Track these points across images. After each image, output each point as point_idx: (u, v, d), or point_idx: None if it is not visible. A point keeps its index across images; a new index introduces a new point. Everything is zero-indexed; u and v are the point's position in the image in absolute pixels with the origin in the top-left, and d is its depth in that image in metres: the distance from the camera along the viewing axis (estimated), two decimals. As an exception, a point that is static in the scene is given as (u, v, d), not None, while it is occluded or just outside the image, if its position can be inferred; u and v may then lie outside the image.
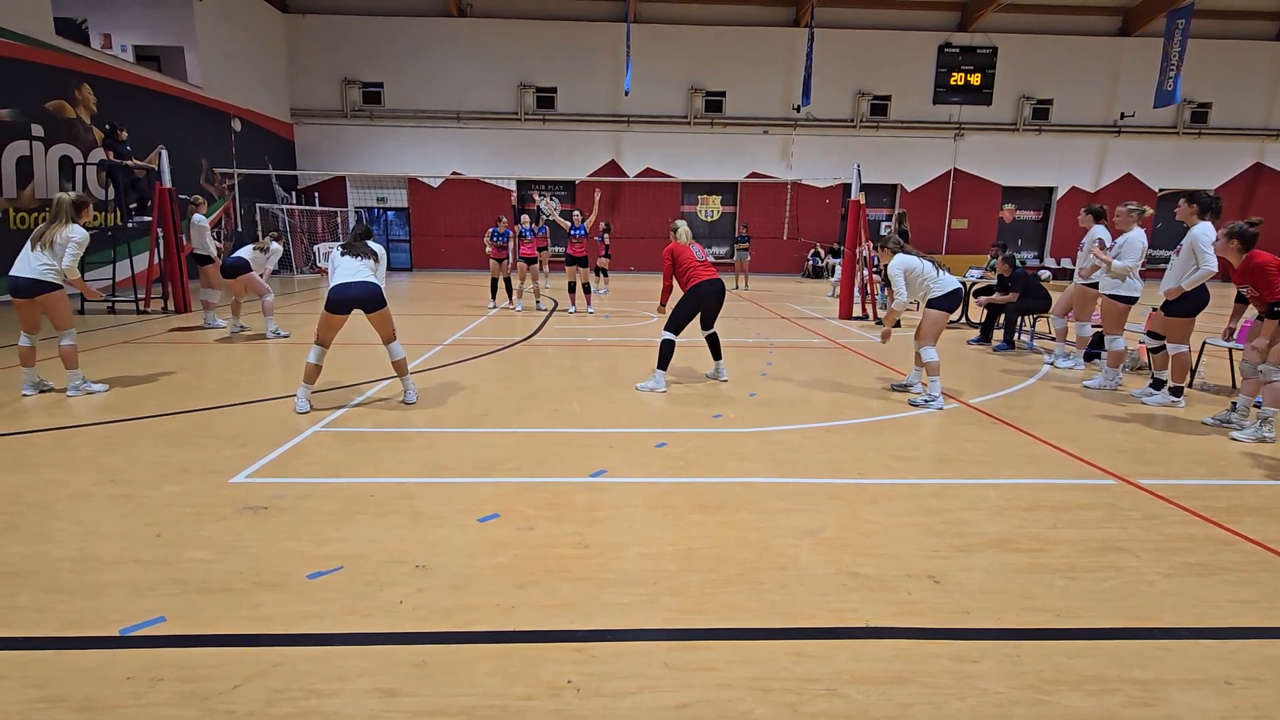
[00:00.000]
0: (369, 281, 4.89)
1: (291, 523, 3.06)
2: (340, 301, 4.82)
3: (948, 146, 23.08)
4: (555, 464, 3.94)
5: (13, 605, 2.38)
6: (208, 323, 9.16)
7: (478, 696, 1.94)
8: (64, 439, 4.30)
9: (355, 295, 4.82)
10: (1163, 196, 23.05)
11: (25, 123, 11.92)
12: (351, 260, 4.94)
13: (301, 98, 21.67)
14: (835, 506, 3.36)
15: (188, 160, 16.02)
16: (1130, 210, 6.03)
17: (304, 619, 2.31)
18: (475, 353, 7.55)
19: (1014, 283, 8.27)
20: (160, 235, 10.59)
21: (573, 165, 22.14)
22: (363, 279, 4.87)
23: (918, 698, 1.95)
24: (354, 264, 4.93)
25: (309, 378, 5.00)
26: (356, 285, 4.83)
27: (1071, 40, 22.42)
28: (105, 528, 3.01)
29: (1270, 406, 4.56)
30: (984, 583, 2.62)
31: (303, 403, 4.95)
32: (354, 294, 4.82)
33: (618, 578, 2.63)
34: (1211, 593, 2.58)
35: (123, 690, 1.94)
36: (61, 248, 5.15)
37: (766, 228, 22.02)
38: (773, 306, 13.18)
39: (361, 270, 4.91)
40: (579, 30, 21.77)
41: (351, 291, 4.81)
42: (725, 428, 4.76)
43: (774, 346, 8.32)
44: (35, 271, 5.08)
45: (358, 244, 5.05)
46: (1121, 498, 3.53)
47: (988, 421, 5.00)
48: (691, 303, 5.76)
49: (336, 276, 4.89)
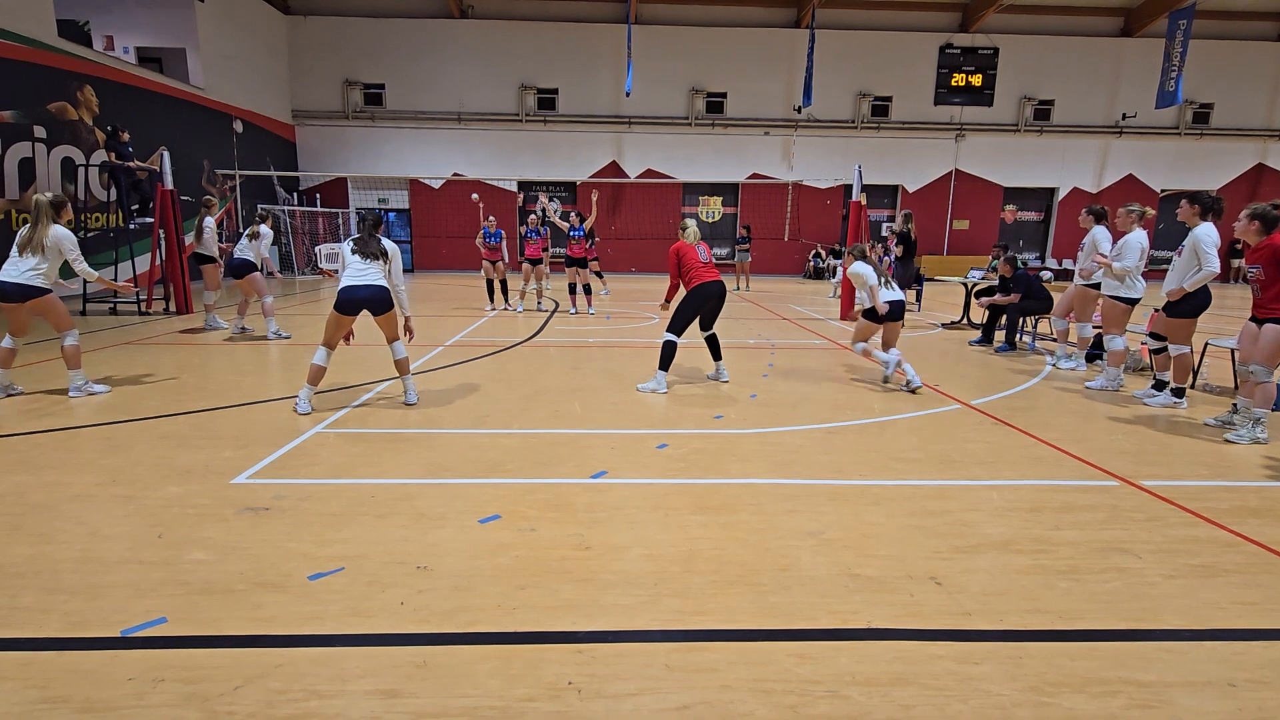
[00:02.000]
0: (377, 285, 4.90)
1: (293, 524, 3.07)
2: (349, 303, 4.87)
3: (949, 147, 23.07)
4: (556, 465, 3.94)
5: (15, 606, 2.38)
6: (209, 324, 9.17)
7: (479, 697, 1.94)
8: (66, 440, 4.30)
9: (363, 297, 4.86)
10: (1164, 197, 23.03)
11: (28, 124, 11.95)
12: (360, 260, 4.93)
13: (303, 99, 21.70)
14: (837, 508, 3.35)
15: (190, 162, 16.06)
16: (1131, 211, 6.03)
17: (305, 620, 2.31)
18: (476, 354, 7.55)
19: (1015, 284, 8.26)
20: (162, 236, 10.61)
21: (574, 166, 22.14)
22: (370, 281, 4.88)
23: (919, 699, 1.95)
24: (362, 264, 4.92)
25: (313, 379, 5.01)
26: (364, 288, 4.85)
27: (1073, 41, 22.40)
28: (107, 529, 3.01)
29: (1259, 408, 4.55)
30: (986, 584, 2.61)
31: (304, 404, 4.95)
32: (361, 296, 4.85)
33: (619, 579, 2.63)
34: (1215, 594, 2.57)
35: (124, 691, 1.94)
36: (53, 251, 5.12)
37: (768, 229, 22.02)
38: (774, 308, 13.17)
39: (369, 271, 4.91)
40: (580, 32, 21.78)
41: (359, 294, 4.85)
42: (726, 429, 4.76)
43: (775, 348, 8.32)
44: (23, 277, 5.03)
45: (370, 242, 4.99)
46: (1124, 499, 3.52)
47: (990, 423, 5.00)
48: (694, 303, 5.82)
49: (345, 277, 4.91)
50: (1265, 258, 4.50)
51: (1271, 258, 4.46)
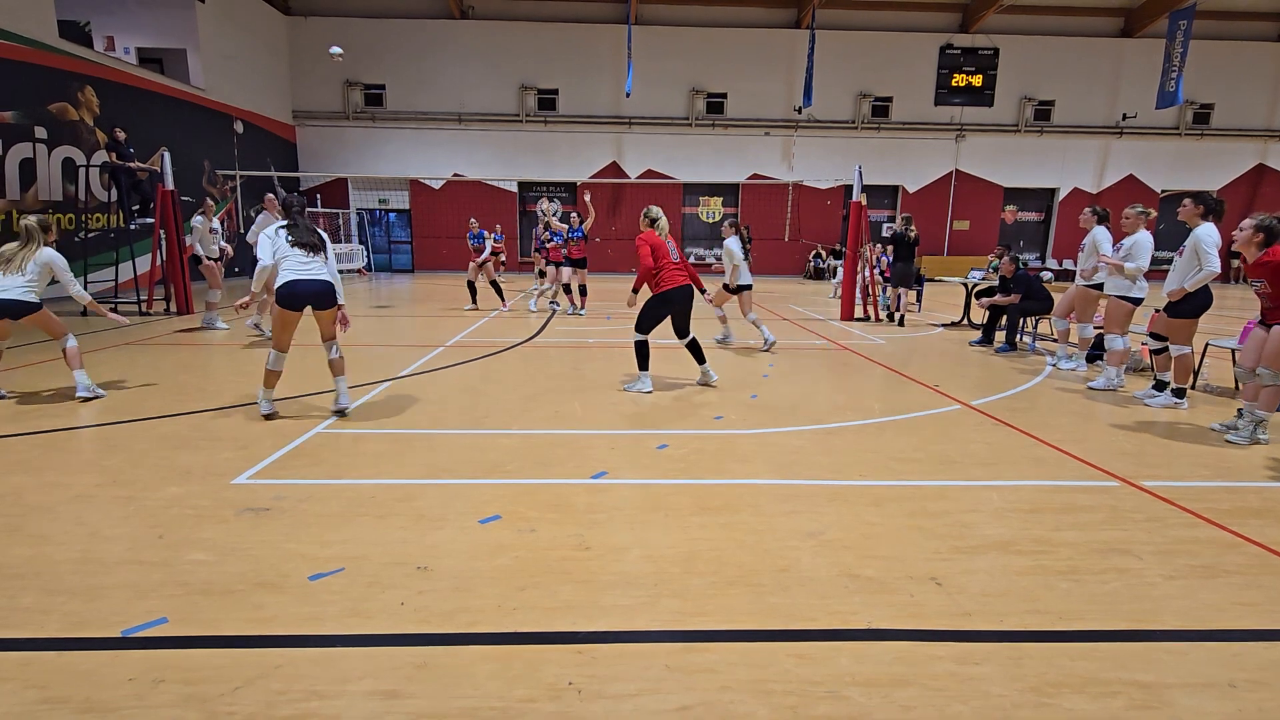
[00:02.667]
0: (320, 279, 4.72)
1: (293, 524, 3.07)
2: (292, 297, 4.66)
3: (949, 148, 23.08)
4: (556, 466, 3.93)
5: (15, 607, 2.38)
6: (206, 323, 9.19)
7: (479, 698, 1.94)
8: (66, 441, 4.31)
9: (305, 293, 4.67)
10: (1165, 198, 23.04)
11: (28, 125, 11.96)
12: (300, 253, 4.71)
13: (303, 100, 21.72)
14: (837, 508, 3.35)
15: (190, 162, 16.07)
16: (1139, 213, 6.04)
17: (305, 621, 2.31)
18: (476, 354, 7.55)
19: (1016, 284, 8.26)
20: (163, 237, 10.63)
21: (574, 167, 22.16)
22: (313, 276, 4.69)
23: (919, 700, 1.95)
24: (303, 257, 4.70)
25: (269, 383, 4.80)
26: (305, 283, 4.66)
27: (1073, 41, 22.41)
28: (107, 529, 3.01)
29: (1262, 410, 4.54)
30: (986, 585, 2.61)
31: (266, 405, 4.79)
32: (303, 291, 4.66)
33: (619, 579, 2.63)
34: (1215, 595, 2.57)
35: (124, 692, 1.94)
36: (39, 270, 5.15)
37: (768, 229, 22.03)
38: (774, 308, 13.17)
39: (312, 265, 4.72)
40: (580, 32, 21.80)
41: (300, 289, 4.65)
42: (726, 429, 4.76)
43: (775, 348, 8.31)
44: (18, 293, 5.03)
45: (310, 232, 4.79)
46: (1124, 500, 3.52)
47: (990, 423, 5.00)
48: (659, 309, 5.79)
49: (286, 271, 4.67)
50: (1268, 273, 4.50)
51: (1273, 272, 4.47)
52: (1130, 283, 5.97)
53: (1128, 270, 5.88)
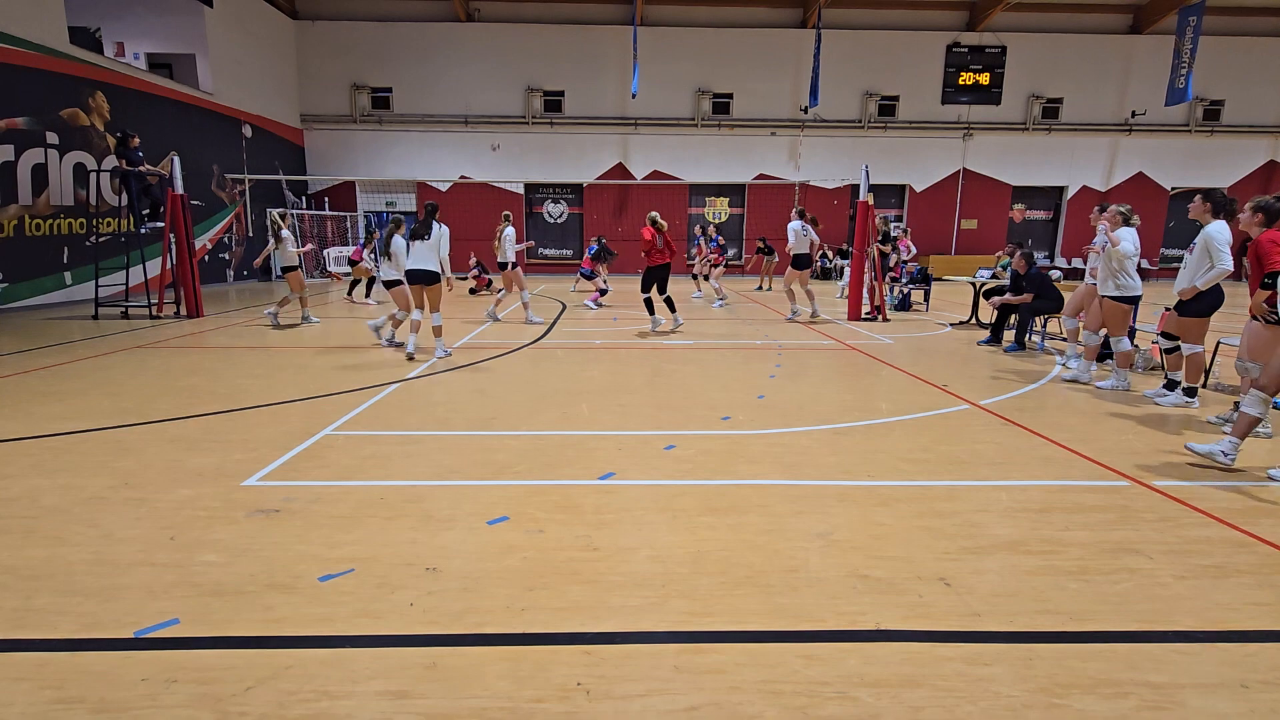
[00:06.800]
0: (427, 270, 7.01)
1: (303, 526, 3.09)
2: (411, 276, 7.13)
3: (957, 146, 22.97)
4: (564, 467, 3.94)
5: (30, 608, 2.40)
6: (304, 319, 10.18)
7: (488, 699, 1.95)
8: (78, 444, 4.35)
9: (418, 276, 7.06)
10: (1175, 195, 22.86)
11: (40, 130, 12.08)
12: (418, 245, 6.96)
13: (311, 103, 21.83)
14: (845, 509, 3.35)
15: (199, 166, 16.19)
16: (1119, 212, 6.00)
17: (316, 621, 2.33)
18: (484, 356, 7.58)
19: (1029, 283, 8.19)
20: (173, 241, 10.71)
21: (580, 168, 22.19)
22: (423, 266, 7.00)
23: (929, 701, 1.95)
24: (420, 248, 6.94)
25: (415, 329, 7.27)
26: (418, 272, 7.03)
27: (1081, 39, 22.26)
28: (120, 531, 3.04)
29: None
30: (996, 585, 2.60)
31: (411, 346, 7.23)
32: (417, 275, 7.05)
33: (627, 580, 2.63)
34: (1227, 595, 2.55)
35: (137, 692, 1.96)
36: None
37: (775, 230, 21.95)
38: (781, 309, 13.14)
39: (425, 255, 6.97)
40: (586, 34, 21.82)
41: (415, 274, 7.06)
42: (734, 430, 4.75)
43: (782, 349, 8.31)
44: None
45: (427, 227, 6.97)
46: (1135, 499, 3.50)
47: (999, 423, 4.97)
48: (652, 276, 9.35)
49: (409, 260, 7.05)
50: (1250, 256, 4.50)
51: (1252, 255, 4.46)
52: (1114, 279, 5.89)
53: (1119, 249, 5.75)
